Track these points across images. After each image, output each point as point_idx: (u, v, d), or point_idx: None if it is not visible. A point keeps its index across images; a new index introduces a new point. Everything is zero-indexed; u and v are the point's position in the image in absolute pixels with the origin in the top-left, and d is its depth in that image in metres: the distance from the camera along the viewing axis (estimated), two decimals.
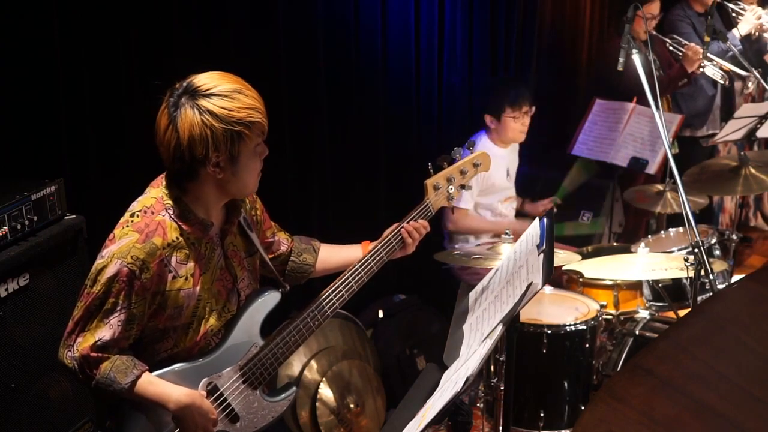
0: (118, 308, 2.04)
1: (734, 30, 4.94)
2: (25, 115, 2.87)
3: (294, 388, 2.34)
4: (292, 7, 3.76)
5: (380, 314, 4.05)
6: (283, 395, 2.30)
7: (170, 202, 2.09)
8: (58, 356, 2.12)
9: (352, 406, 3.46)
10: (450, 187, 2.47)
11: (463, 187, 2.51)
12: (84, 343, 2.06)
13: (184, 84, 2.04)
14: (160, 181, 2.14)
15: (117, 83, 3.15)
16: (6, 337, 2.39)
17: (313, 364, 3.40)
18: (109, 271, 2.02)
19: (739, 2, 5.03)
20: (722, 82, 4.86)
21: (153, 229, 2.05)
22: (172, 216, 2.08)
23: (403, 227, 2.39)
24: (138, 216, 2.07)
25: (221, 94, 2.00)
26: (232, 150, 2.02)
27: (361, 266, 2.32)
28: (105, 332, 2.05)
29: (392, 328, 4.01)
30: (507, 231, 3.39)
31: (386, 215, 4.08)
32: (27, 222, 2.50)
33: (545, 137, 4.85)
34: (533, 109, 4.00)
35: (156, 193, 2.11)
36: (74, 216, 2.68)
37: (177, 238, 2.07)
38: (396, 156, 4.37)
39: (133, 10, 3.14)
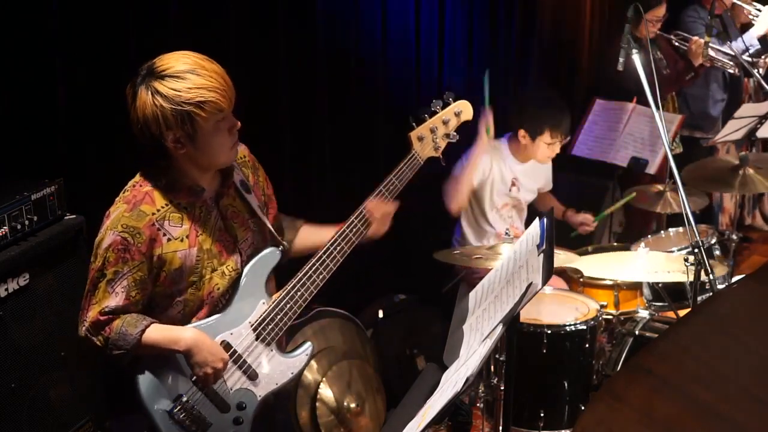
0: (120, 276, 2.14)
1: (751, 30, 4.95)
2: (24, 114, 2.86)
3: (309, 343, 2.39)
4: (292, 7, 3.76)
5: (380, 314, 4.05)
6: (300, 350, 2.36)
7: (156, 175, 2.19)
8: (78, 335, 2.22)
9: (352, 406, 3.46)
10: (435, 137, 2.53)
11: (448, 136, 2.55)
12: (93, 312, 2.16)
13: (148, 64, 2.11)
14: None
15: (117, 83, 3.14)
16: (6, 337, 2.39)
17: (313, 364, 3.40)
18: (105, 243, 2.14)
19: (754, 3, 5.04)
20: (732, 71, 4.88)
21: (140, 198, 2.16)
22: (159, 186, 2.18)
23: (365, 206, 2.40)
24: (127, 191, 2.20)
25: (173, 75, 2.06)
26: (185, 129, 2.08)
27: (340, 236, 2.35)
28: (111, 300, 2.15)
29: (392, 328, 4.01)
30: (507, 231, 3.38)
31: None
32: (27, 222, 2.50)
33: None
34: (567, 138, 3.83)
35: (141, 171, 2.23)
36: (74, 216, 2.68)
37: (166, 205, 2.17)
38: (396, 155, 4.35)
39: (132, 10, 3.14)
